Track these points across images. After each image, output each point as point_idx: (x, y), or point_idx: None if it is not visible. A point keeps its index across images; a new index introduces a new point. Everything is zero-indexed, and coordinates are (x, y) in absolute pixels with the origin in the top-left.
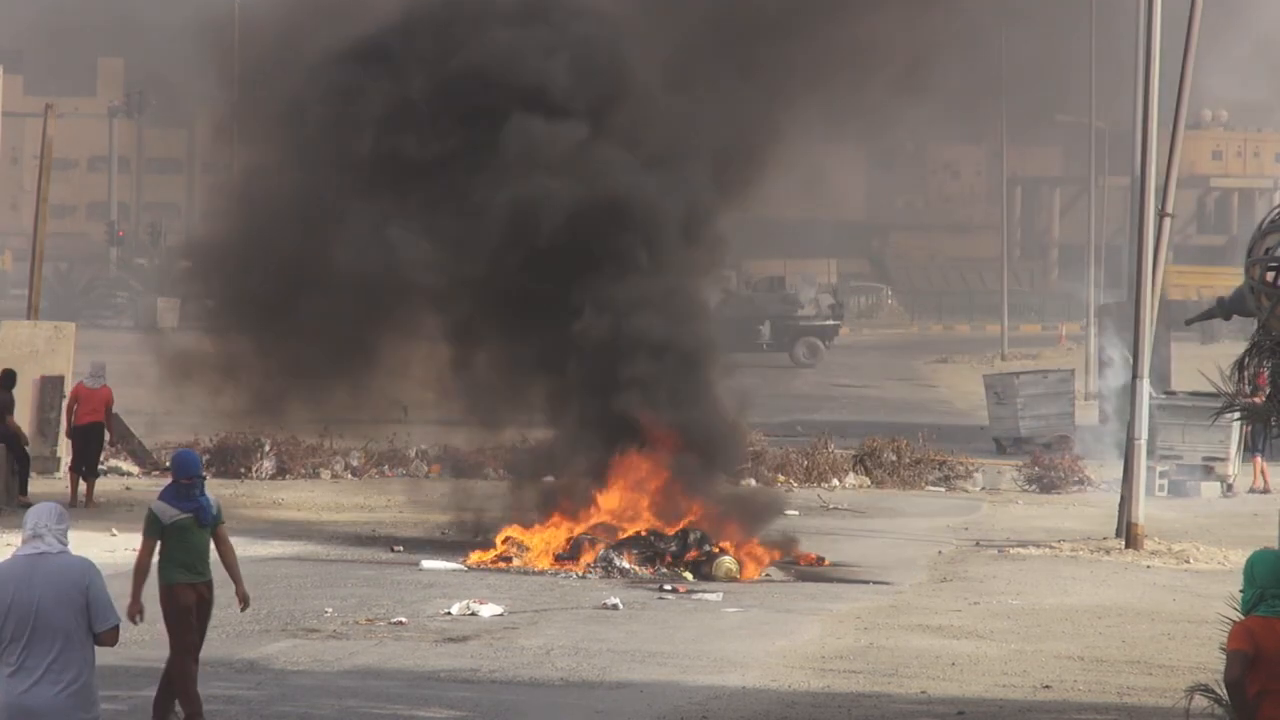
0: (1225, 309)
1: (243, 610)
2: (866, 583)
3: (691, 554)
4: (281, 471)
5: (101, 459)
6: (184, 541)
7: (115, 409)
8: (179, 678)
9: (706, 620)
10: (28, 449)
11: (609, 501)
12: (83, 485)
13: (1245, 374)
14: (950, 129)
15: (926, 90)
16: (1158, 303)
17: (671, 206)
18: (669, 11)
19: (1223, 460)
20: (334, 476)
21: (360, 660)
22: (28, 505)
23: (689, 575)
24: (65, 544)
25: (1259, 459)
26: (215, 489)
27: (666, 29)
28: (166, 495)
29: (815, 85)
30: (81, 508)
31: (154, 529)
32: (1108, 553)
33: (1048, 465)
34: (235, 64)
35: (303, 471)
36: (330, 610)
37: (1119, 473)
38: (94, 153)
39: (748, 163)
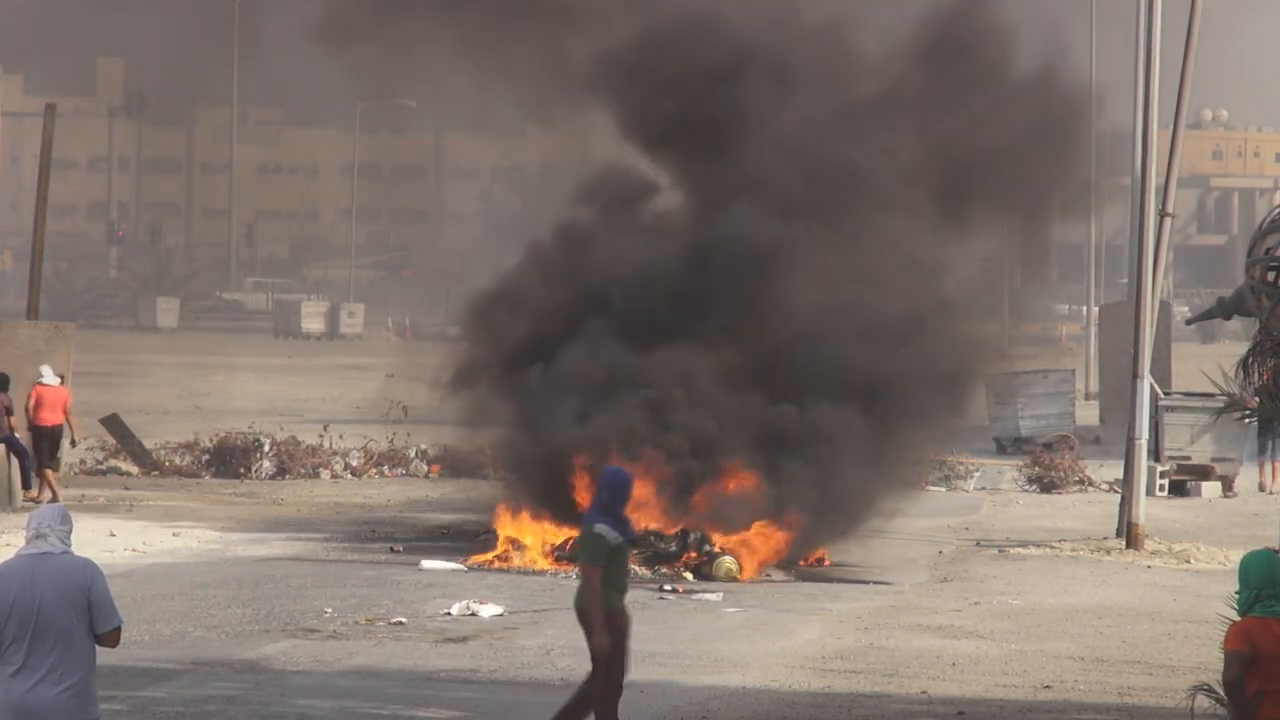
0: (1225, 309)
1: (600, 653)
2: (867, 583)
3: (691, 554)
4: (281, 471)
5: (101, 460)
6: (620, 565)
7: (116, 410)
8: (602, 706)
9: (706, 620)
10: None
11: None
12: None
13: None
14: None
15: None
16: (1158, 303)
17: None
18: None
19: (1231, 461)
20: (333, 476)
21: (360, 660)
22: (36, 502)
23: (689, 575)
24: (68, 545)
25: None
26: (215, 489)
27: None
28: (600, 517)
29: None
30: (32, 505)
31: (603, 554)
32: (1108, 553)
33: (1048, 465)
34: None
35: (302, 471)
36: (330, 610)
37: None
38: (94, 153)
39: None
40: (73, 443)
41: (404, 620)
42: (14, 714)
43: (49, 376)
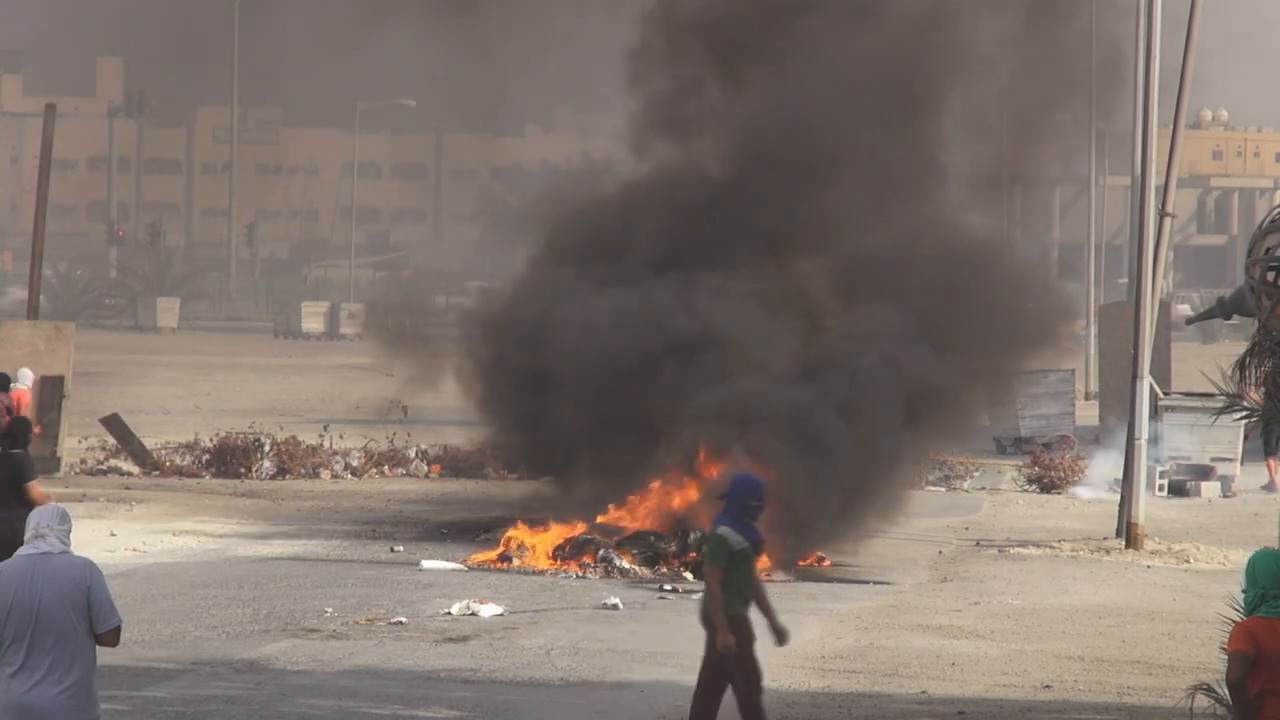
0: (1225, 309)
1: (781, 645)
2: (867, 583)
3: (691, 555)
4: (281, 472)
5: (101, 460)
6: (743, 570)
7: (116, 410)
8: (751, 712)
9: None
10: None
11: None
12: None
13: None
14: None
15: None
16: (1158, 303)
17: None
18: None
19: (1230, 461)
20: (333, 476)
21: (360, 660)
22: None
23: (689, 575)
24: (67, 544)
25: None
26: (215, 489)
27: None
28: (729, 521)
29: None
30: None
31: (722, 556)
32: (1108, 553)
33: (1048, 465)
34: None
35: (302, 472)
36: (330, 610)
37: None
38: (94, 153)
39: None
40: (37, 430)
41: (404, 620)
42: (14, 714)
43: (18, 381)
